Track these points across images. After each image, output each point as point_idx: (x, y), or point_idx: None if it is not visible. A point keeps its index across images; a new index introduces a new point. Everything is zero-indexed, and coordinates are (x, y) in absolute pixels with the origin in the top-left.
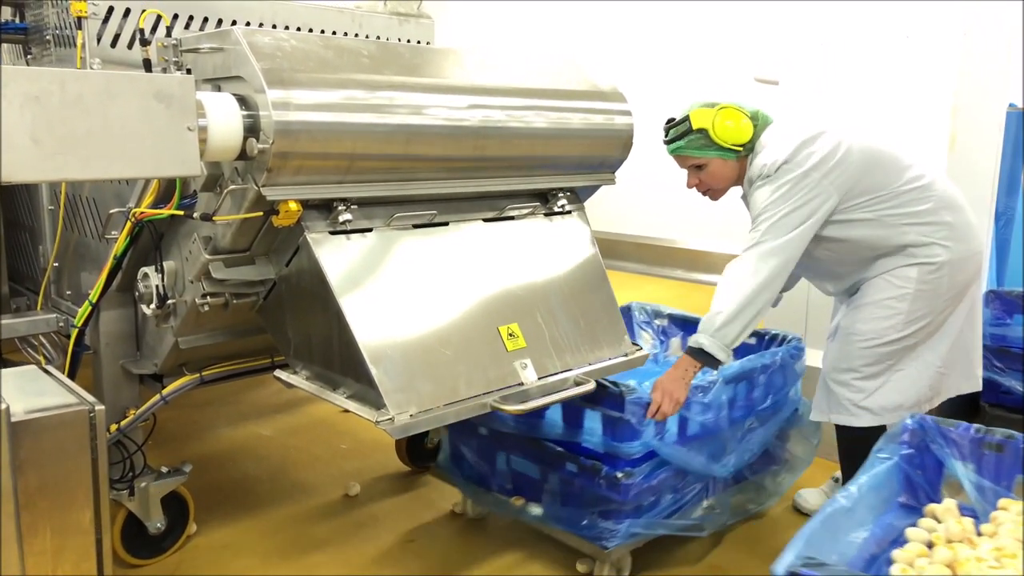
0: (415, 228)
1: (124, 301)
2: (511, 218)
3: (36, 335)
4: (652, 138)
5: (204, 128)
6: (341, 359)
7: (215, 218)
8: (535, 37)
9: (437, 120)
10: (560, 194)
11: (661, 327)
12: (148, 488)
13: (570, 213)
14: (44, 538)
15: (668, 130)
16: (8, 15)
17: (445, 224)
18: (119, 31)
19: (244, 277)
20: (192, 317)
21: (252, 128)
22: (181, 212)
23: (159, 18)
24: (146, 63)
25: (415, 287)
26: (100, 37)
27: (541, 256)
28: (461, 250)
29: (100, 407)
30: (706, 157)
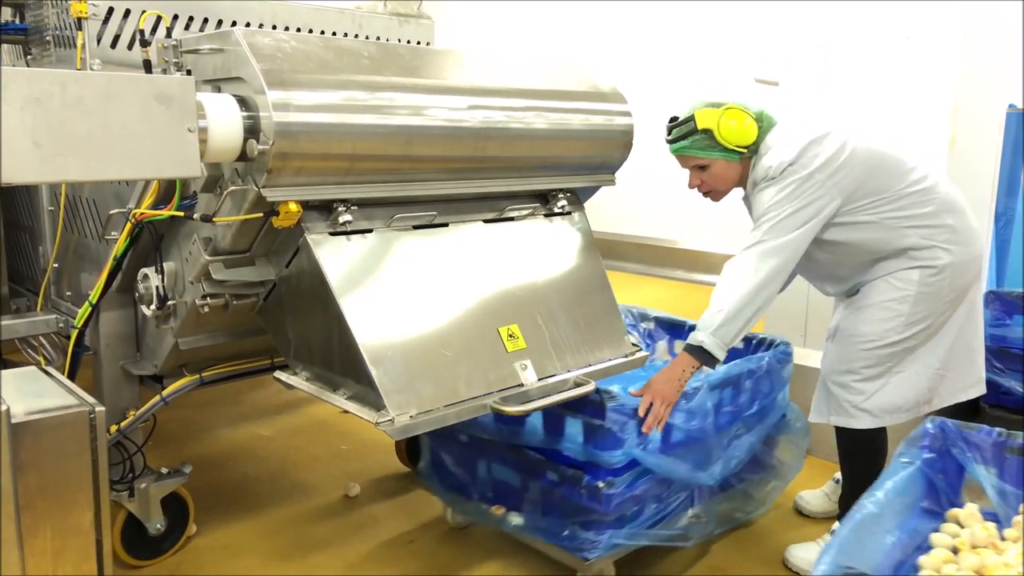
0: (415, 229)
1: (124, 302)
2: (511, 219)
3: (36, 336)
4: (652, 139)
5: (204, 129)
6: (341, 360)
7: (215, 219)
8: (535, 38)
9: (437, 121)
10: (560, 195)
11: (647, 330)
12: (148, 489)
13: (570, 214)
14: (44, 539)
15: (671, 129)
16: (8, 16)
17: (445, 225)
18: (119, 32)
19: (244, 278)
20: (192, 318)
21: (252, 129)
22: (181, 213)
23: (159, 19)
24: (146, 64)
25: (415, 288)
26: (100, 38)
27: (541, 257)
28: (461, 251)
29: (100, 408)
30: (710, 158)
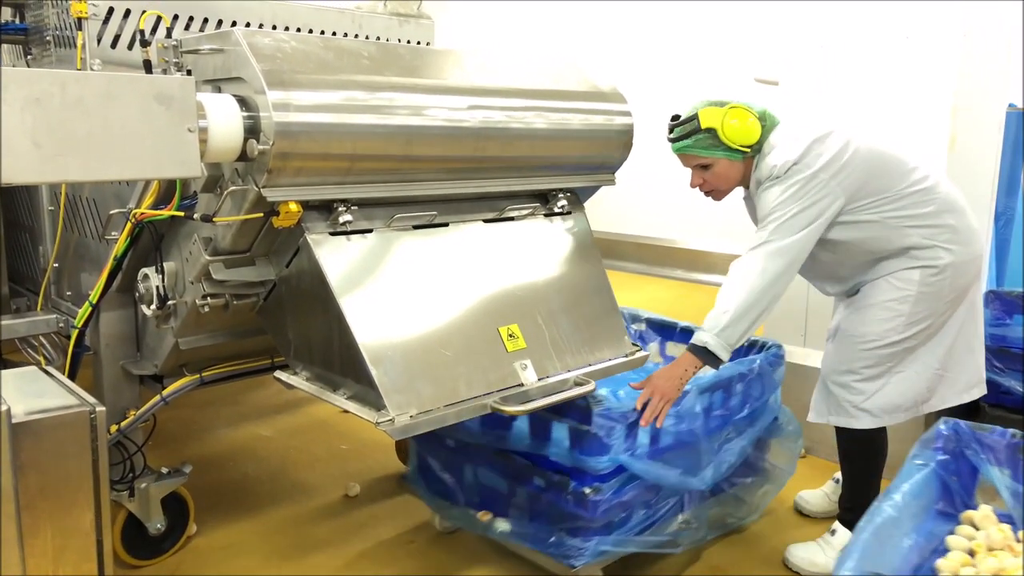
0: (415, 229)
1: (124, 302)
2: (511, 219)
3: (36, 336)
4: (652, 138)
5: (204, 129)
6: (341, 360)
7: (215, 219)
8: (535, 38)
9: (437, 121)
10: (560, 195)
11: (639, 332)
12: (148, 489)
13: (570, 214)
14: (45, 539)
15: (673, 128)
16: (8, 16)
17: (445, 225)
18: (119, 32)
19: (244, 278)
20: (192, 318)
21: (252, 129)
22: (181, 213)
23: (159, 19)
24: (146, 64)
25: (415, 288)
26: (100, 38)
27: (541, 257)
28: (461, 251)
29: (100, 408)
30: (713, 157)
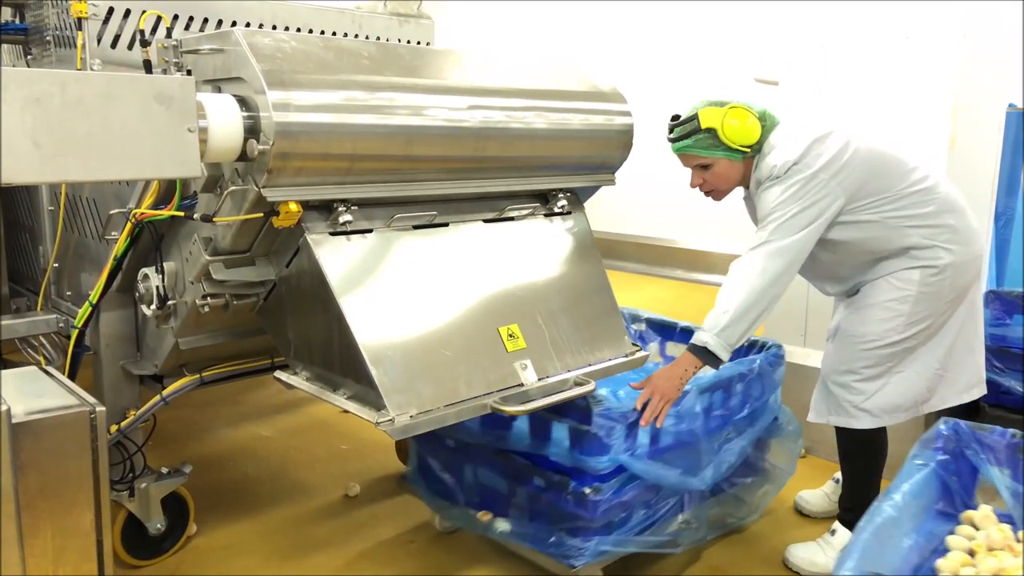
0: (415, 229)
1: (124, 302)
2: (511, 219)
3: (36, 336)
4: (652, 138)
5: (204, 129)
6: (341, 360)
7: (215, 219)
8: (535, 38)
9: (437, 121)
10: (560, 195)
11: (638, 332)
12: (148, 489)
13: (570, 214)
14: (45, 539)
15: (673, 128)
16: (8, 16)
17: (445, 225)
18: (119, 32)
19: (244, 278)
20: (192, 318)
21: (252, 129)
22: (181, 213)
23: (159, 19)
24: (146, 64)
25: (415, 288)
26: (100, 38)
27: (541, 257)
28: (461, 251)
29: (101, 408)
30: (713, 157)
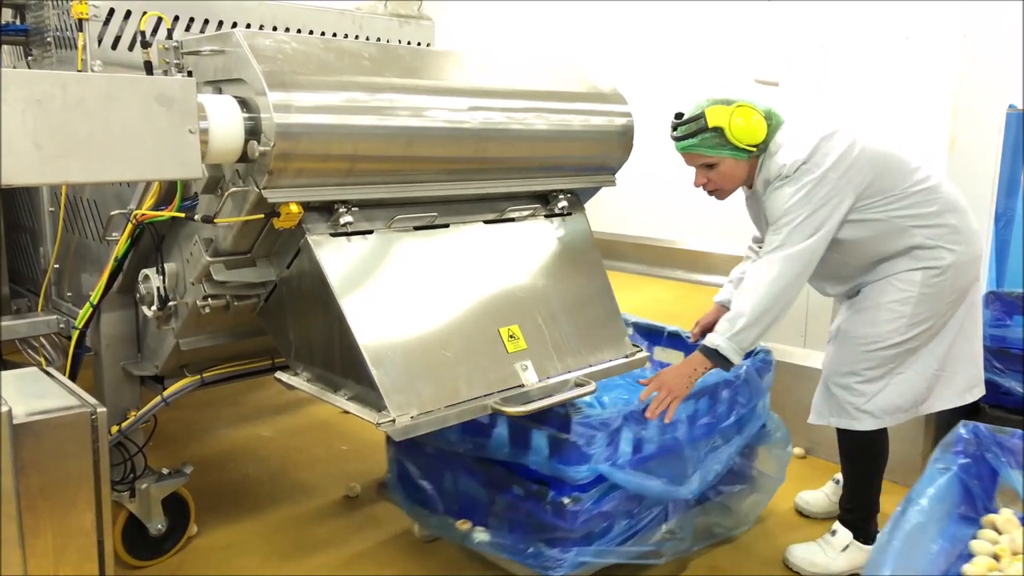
0: (416, 230)
1: (125, 303)
2: (511, 220)
3: (37, 337)
4: (652, 139)
5: (205, 130)
6: (342, 361)
7: (216, 220)
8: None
9: (438, 122)
10: (560, 196)
11: None
12: (149, 489)
13: (571, 215)
14: (46, 539)
15: (677, 126)
16: (9, 17)
17: (446, 226)
18: (120, 33)
19: (245, 279)
20: (193, 319)
21: (253, 130)
22: (182, 214)
23: (160, 20)
24: (147, 65)
25: (416, 289)
26: (101, 39)
27: (541, 258)
28: (462, 252)
29: (101, 409)
30: (719, 156)
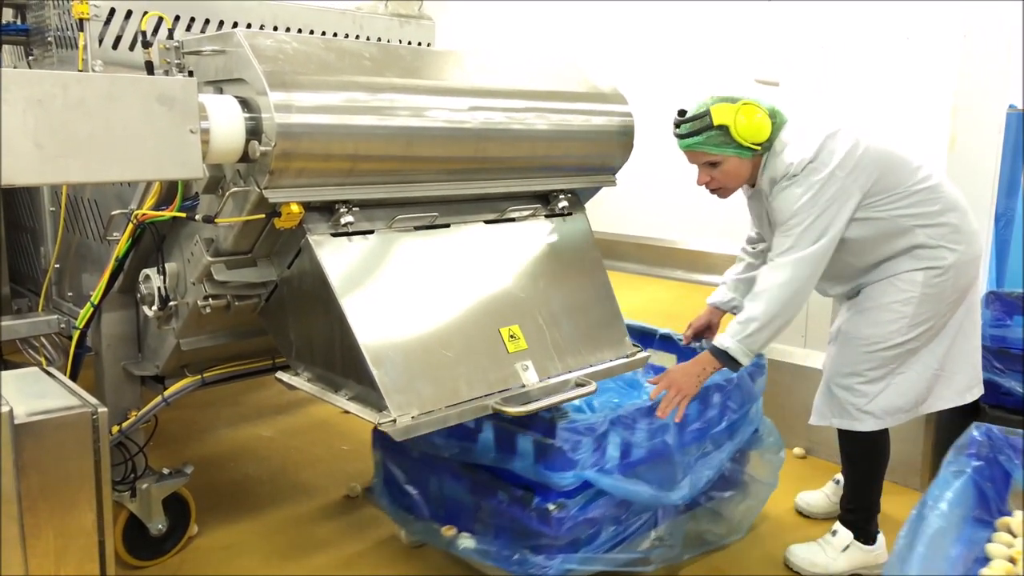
0: (416, 230)
1: (126, 303)
2: (512, 220)
3: (37, 336)
4: (652, 139)
5: (206, 130)
6: (343, 361)
7: (217, 220)
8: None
9: (438, 122)
10: (561, 196)
11: None
12: (150, 489)
13: (571, 215)
14: (47, 540)
15: (681, 124)
16: (10, 16)
17: (446, 226)
18: (121, 33)
19: (246, 279)
20: (194, 319)
21: (254, 130)
22: (183, 214)
23: (160, 20)
24: (148, 65)
25: (416, 289)
26: (102, 39)
27: (542, 258)
28: (462, 252)
29: (102, 409)
30: (723, 154)
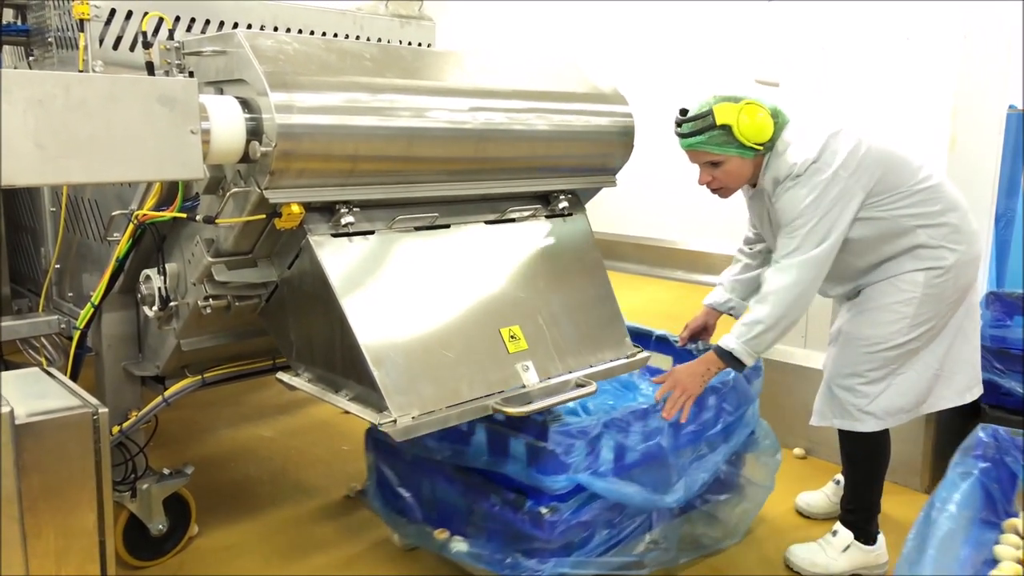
0: (417, 230)
1: (126, 303)
2: (512, 220)
3: (38, 337)
4: (653, 139)
5: (207, 131)
6: (343, 361)
7: (218, 221)
8: (536, 39)
9: (439, 123)
10: (561, 196)
11: None
12: (150, 490)
13: (571, 215)
14: (48, 540)
15: (683, 123)
16: (10, 17)
17: (447, 226)
18: (121, 33)
19: (246, 279)
20: (194, 319)
21: (255, 131)
22: (184, 215)
23: (161, 20)
24: (149, 66)
25: (417, 289)
26: (102, 39)
27: (542, 258)
28: (463, 252)
29: (103, 409)
30: (725, 154)
